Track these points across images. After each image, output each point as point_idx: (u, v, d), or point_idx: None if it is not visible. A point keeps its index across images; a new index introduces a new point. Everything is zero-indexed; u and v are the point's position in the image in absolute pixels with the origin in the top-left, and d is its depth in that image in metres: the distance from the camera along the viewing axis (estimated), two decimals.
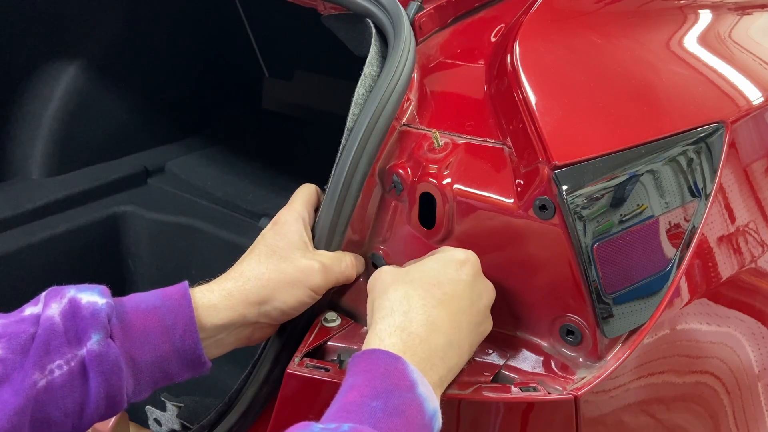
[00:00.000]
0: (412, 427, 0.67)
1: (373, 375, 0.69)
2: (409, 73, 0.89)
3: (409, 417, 0.67)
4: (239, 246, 1.51)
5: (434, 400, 0.70)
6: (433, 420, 0.69)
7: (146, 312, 0.79)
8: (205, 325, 0.81)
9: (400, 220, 0.89)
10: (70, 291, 0.78)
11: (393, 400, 0.67)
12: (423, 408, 0.69)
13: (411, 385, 0.69)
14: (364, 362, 0.71)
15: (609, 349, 0.82)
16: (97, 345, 0.75)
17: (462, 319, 0.77)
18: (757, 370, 1.00)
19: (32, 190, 1.62)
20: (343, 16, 1.04)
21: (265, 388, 0.87)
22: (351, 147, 0.85)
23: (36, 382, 0.72)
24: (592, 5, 1.08)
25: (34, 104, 1.67)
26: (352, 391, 0.69)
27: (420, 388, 0.69)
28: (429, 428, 0.69)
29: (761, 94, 0.99)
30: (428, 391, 0.70)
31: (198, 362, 0.80)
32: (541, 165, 0.80)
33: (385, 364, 0.70)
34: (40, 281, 1.52)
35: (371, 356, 0.71)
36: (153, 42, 1.81)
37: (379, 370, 0.70)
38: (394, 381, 0.69)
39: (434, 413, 0.70)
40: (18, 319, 0.76)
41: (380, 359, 0.71)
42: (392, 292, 0.77)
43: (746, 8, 1.19)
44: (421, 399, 0.69)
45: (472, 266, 0.81)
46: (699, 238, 0.87)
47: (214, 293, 0.82)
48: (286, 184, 1.69)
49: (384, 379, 0.69)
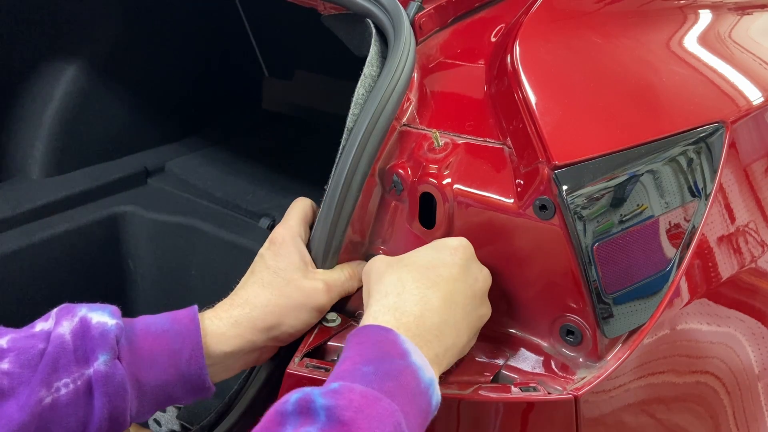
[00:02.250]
0: (406, 391, 0.67)
1: (364, 345, 0.70)
2: (409, 73, 0.89)
3: (403, 382, 0.67)
4: (239, 246, 1.52)
5: (430, 370, 0.70)
6: (430, 388, 0.69)
7: (155, 335, 0.79)
8: (213, 352, 0.81)
9: (401, 220, 0.89)
10: (82, 310, 0.78)
11: (384, 365, 0.68)
12: (418, 375, 0.69)
13: (403, 353, 0.69)
14: (356, 337, 0.72)
15: (609, 349, 0.82)
16: (104, 366, 0.75)
17: (457, 300, 0.77)
18: (757, 370, 1.00)
19: (32, 190, 1.62)
20: (343, 16, 1.04)
21: (266, 389, 0.87)
22: (351, 147, 0.85)
23: (42, 398, 0.72)
24: (592, 5, 1.08)
25: (34, 104, 1.67)
26: (344, 363, 0.70)
27: (413, 356, 0.70)
28: (426, 396, 0.69)
29: (761, 94, 0.99)
30: (422, 360, 0.70)
31: (202, 387, 0.81)
32: (541, 165, 0.80)
33: (376, 335, 0.71)
34: (40, 281, 1.54)
35: (363, 330, 0.72)
36: (153, 42, 1.81)
37: (370, 341, 0.70)
38: (385, 349, 0.69)
39: (431, 382, 0.70)
40: (28, 334, 0.76)
41: (372, 331, 0.72)
42: (387, 277, 0.78)
43: (746, 8, 1.19)
44: (414, 366, 0.69)
45: (465, 251, 0.81)
46: (699, 238, 0.87)
47: (222, 320, 0.83)
48: (286, 184, 1.70)
49: (375, 348, 0.69)
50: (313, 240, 0.87)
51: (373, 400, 0.64)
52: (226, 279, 1.53)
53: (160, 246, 1.62)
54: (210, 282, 1.57)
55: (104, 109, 1.75)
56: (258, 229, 1.56)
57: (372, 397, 0.64)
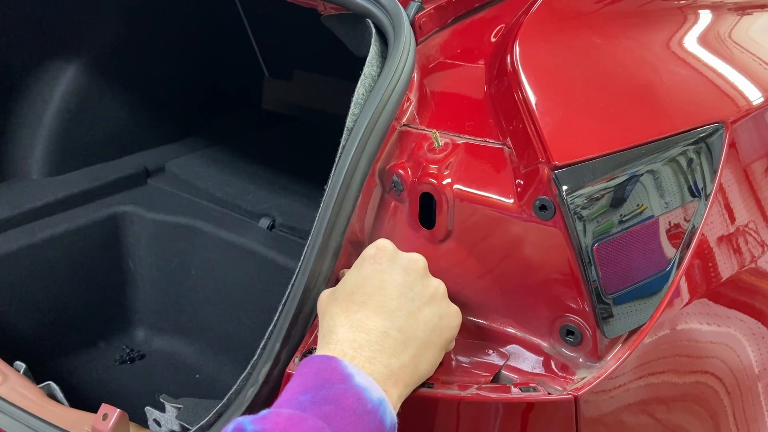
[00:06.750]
0: (347, 413, 0.68)
1: (306, 376, 0.71)
2: (409, 73, 0.89)
3: (344, 404, 0.68)
4: (239, 246, 1.52)
5: (378, 390, 0.71)
6: (379, 408, 0.70)
7: None
8: None
9: (400, 220, 0.89)
10: None
11: (323, 392, 0.69)
12: (363, 396, 0.69)
13: (345, 377, 0.70)
14: (300, 369, 0.73)
15: (609, 349, 0.82)
16: None
17: (391, 306, 0.77)
18: (757, 370, 1.00)
19: (32, 190, 1.62)
20: (343, 16, 1.04)
21: (265, 388, 0.87)
22: (351, 147, 0.85)
23: None
24: (592, 5, 1.08)
25: (34, 104, 1.67)
26: (286, 393, 0.71)
27: (356, 379, 0.70)
28: (375, 415, 0.69)
29: (761, 94, 0.99)
30: (368, 381, 0.71)
31: None
32: (541, 165, 0.80)
33: (318, 364, 0.72)
34: (40, 281, 1.54)
35: (306, 362, 0.74)
36: (153, 42, 1.81)
37: (312, 371, 0.72)
38: (326, 376, 0.70)
39: (380, 402, 0.70)
40: None
41: (314, 361, 0.73)
42: (324, 320, 0.80)
43: (746, 8, 1.19)
44: (358, 388, 0.70)
45: (383, 253, 0.81)
46: (699, 239, 0.87)
47: None
48: (286, 184, 1.70)
49: (316, 377, 0.71)
50: (312, 240, 0.87)
51: (299, 420, 0.66)
52: (226, 279, 1.55)
53: (160, 246, 1.62)
54: (210, 282, 1.57)
55: (104, 109, 1.75)
56: (258, 229, 1.56)
57: (297, 419, 0.66)
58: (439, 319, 0.80)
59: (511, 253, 0.83)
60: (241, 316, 1.52)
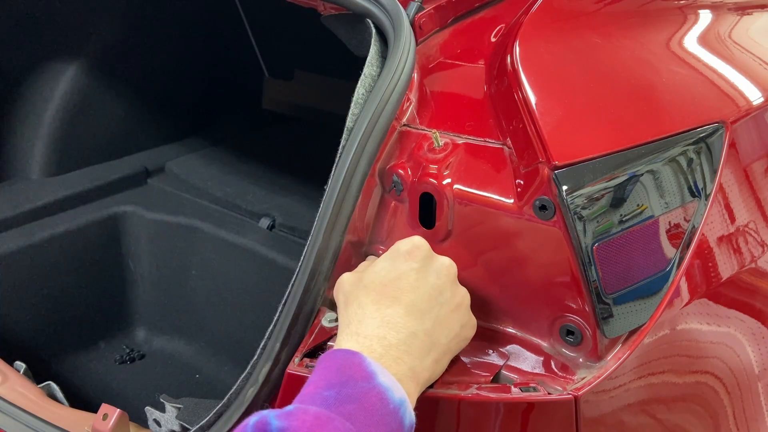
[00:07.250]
0: (370, 413, 0.67)
1: (329, 370, 0.71)
2: (409, 73, 0.89)
3: (366, 404, 0.68)
4: (239, 246, 1.52)
5: (400, 390, 0.70)
6: (401, 408, 0.69)
7: None
8: None
9: (400, 220, 0.89)
10: None
11: (347, 389, 0.68)
12: (385, 396, 0.69)
13: (369, 375, 0.70)
14: (322, 362, 0.73)
15: (609, 349, 0.82)
16: None
17: (422, 308, 0.77)
18: (757, 370, 1.00)
19: (32, 190, 1.62)
20: (343, 16, 1.04)
21: (265, 388, 0.87)
22: (351, 147, 0.85)
23: None
24: (592, 5, 1.08)
25: (34, 104, 1.67)
26: (308, 387, 0.70)
27: (380, 378, 0.70)
28: (396, 416, 0.69)
29: (761, 94, 0.99)
30: (391, 381, 0.70)
31: None
32: (541, 165, 0.80)
33: (341, 359, 0.72)
34: (40, 281, 1.54)
35: (329, 355, 0.73)
36: (153, 42, 1.81)
37: (335, 366, 0.71)
38: (350, 373, 0.70)
39: (401, 402, 0.70)
40: None
41: (337, 355, 0.72)
42: (349, 305, 0.79)
43: (746, 8, 1.19)
44: (381, 388, 0.69)
45: (419, 251, 0.80)
46: (699, 239, 0.87)
47: None
48: (286, 184, 1.70)
49: (339, 373, 0.70)
50: (312, 240, 0.87)
51: (326, 420, 0.65)
52: (226, 279, 1.55)
53: (160, 246, 1.62)
54: (210, 282, 1.57)
55: (104, 109, 1.75)
56: (258, 229, 1.56)
57: (325, 418, 0.65)
58: (461, 329, 0.80)
59: (510, 253, 0.83)
60: (241, 316, 1.52)
